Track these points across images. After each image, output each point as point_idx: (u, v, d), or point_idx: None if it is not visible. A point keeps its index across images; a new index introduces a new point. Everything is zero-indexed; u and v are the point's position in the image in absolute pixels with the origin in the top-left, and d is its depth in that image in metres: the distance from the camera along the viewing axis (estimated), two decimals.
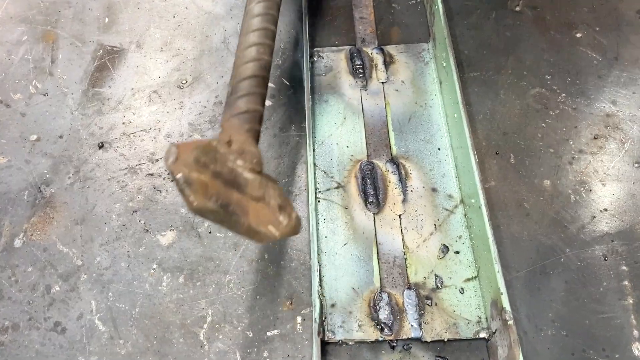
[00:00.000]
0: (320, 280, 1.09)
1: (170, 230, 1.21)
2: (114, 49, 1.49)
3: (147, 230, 1.21)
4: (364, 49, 1.40)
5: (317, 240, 1.11)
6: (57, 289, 1.15)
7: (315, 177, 1.22)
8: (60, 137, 1.35)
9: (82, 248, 1.20)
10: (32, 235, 1.22)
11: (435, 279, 1.10)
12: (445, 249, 1.13)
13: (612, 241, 1.15)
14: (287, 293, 1.13)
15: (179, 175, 0.71)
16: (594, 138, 1.29)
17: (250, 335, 1.09)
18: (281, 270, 1.16)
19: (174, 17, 1.55)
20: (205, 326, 1.10)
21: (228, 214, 0.74)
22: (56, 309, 1.13)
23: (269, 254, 1.18)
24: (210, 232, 1.20)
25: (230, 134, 0.83)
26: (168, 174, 1.17)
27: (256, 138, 0.88)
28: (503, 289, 0.96)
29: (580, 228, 1.17)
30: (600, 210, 1.20)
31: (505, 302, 0.94)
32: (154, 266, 1.17)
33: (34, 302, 1.14)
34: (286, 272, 1.15)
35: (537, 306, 1.09)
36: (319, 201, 1.19)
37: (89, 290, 1.15)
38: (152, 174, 1.29)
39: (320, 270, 1.11)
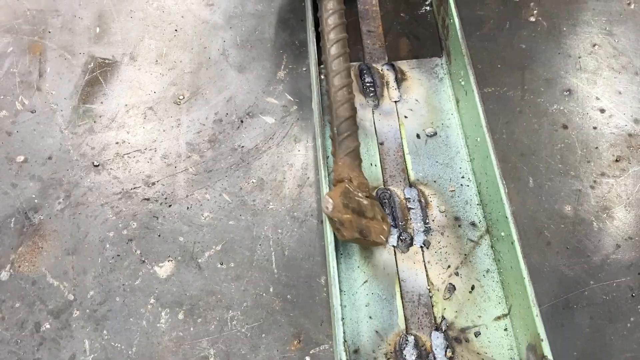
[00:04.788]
0: (343, 322, 1.00)
1: (169, 261, 1.14)
2: (106, 61, 1.40)
3: (144, 261, 1.14)
4: (374, 65, 1.32)
5: (338, 283, 1.01)
6: (47, 326, 1.07)
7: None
8: (49, 158, 1.26)
9: (74, 281, 1.12)
10: (19, 266, 1.14)
11: (465, 319, 1.02)
12: (473, 285, 1.06)
13: (639, 274, 1.09)
14: (295, 330, 1.06)
15: (336, 219, 0.97)
16: (616, 160, 1.22)
17: None
18: (287, 305, 1.09)
19: (170, 26, 1.46)
20: None
21: (362, 237, 1.00)
22: (46, 349, 1.05)
23: (274, 287, 1.10)
24: (210, 264, 1.13)
25: (348, 172, 1.07)
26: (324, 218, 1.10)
27: (361, 169, 1.12)
28: (543, 334, 0.88)
29: (605, 258, 1.11)
30: (625, 239, 1.13)
31: (547, 350, 0.87)
32: (152, 301, 1.10)
33: (22, 341, 1.06)
34: (293, 307, 1.08)
35: (561, 344, 1.03)
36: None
37: (81, 327, 1.07)
38: (148, 199, 1.21)
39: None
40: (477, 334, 1.01)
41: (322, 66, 1.23)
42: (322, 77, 1.24)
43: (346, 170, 1.08)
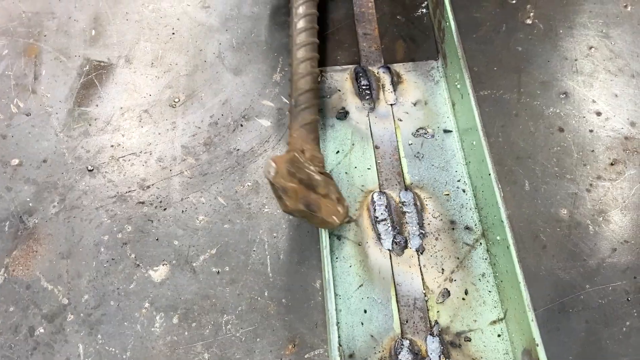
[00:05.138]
0: (338, 327, 1.00)
1: (163, 265, 1.13)
2: (102, 64, 1.40)
3: (138, 265, 1.13)
4: (370, 67, 1.32)
5: (334, 287, 1.01)
6: (42, 330, 1.07)
7: None
8: (44, 161, 1.26)
9: (69, 285, 1.11)
10: (13, 270, 1.13)
11: (460, 323, 1.02)
12: (467, 289, 1.06)
13: (635, 277, 1.08)
14: (290, 335, 1.06)
15: (278, 186, 0.92)
16: (612, 163, 1.22)
17: None
18: (282, 309, 1.08)
19: (165, 29, 1.46)
20: None
21: (309, 211, 0.96)
22: (40, 354, 1.05)
23: (269, 291, 1.10)
24: (205, 267, 1.12)
25: (301, 143, 1.04)
26: (267, 182, 1.08)
27: (318, 144, 1.09)
28: (539, 339, 0.88)
29: (600, 262, 1.11)
30: (621, 242, 1.13)
31: (542, 355, 0.87)
32: (146, 305, 1.09)
33: (16, 345, 1.06)
34: (288, 310, 1.08)
35: (557, 348, 1.03)
36: (334, 242, 1.11)
37: (75, 332, 1.07)
38: (143, 202, 1.20)
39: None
40: (466, 339, 1.01)
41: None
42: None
43: (299, 142, 1.05)
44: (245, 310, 1.08)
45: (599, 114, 1.28)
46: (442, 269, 1.08)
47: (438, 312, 1.03)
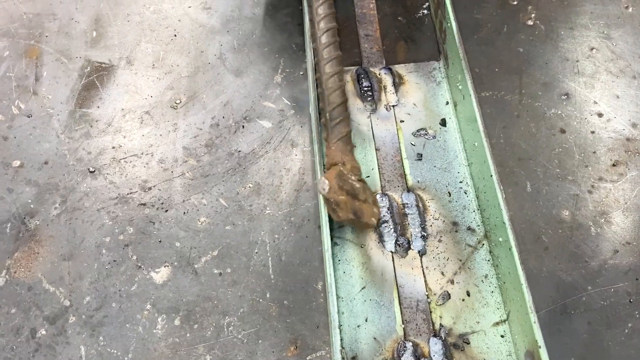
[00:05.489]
0: (340, 330, 1.00)
1: (165, 267, 1.13)
2: (103, 65, 1.40)
3: (140, 267, 1.13)
4: (371, 69, 1.32)
5: (336, 290, 1.01)
6: (43, 332, 1.07)
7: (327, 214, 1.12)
8: (46, 163, 1.26)
9: (70, 287, 1.11)
10: (15, 272, 1.13)
11: (463, 325, 1.02)
12: (468, 291, 1.06)
13: (637, 279, 1.08)
14: (292, 336, 1.06)
15: (332, 200, 1.02)
16: (614, 165, 1.22)
17: None
18: (284, 311, 1.08)
19: (167, 30, 1.45)
20: None
21: (356, 218, 1.05)
22: (42, 356, 1.05)
23: (271, 293, 1.10)
24: (207, 269, 1.12)
25: (340, 156, 1.11)
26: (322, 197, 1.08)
27: (354, 154, 1.16)
28: (541, 341, 0.88)
29: (602, 263, 1.11)
30: (623, 244, 1.13)
31: (545, 357, 0.87)
32: (148, 307, 1.09)
33: (18, 347, 1.06)
34: (290, 312, 1.08)
35: (559, 349, 1.03)
36: (336, 244, 1.11)
37: (77, 334, 1.07)
38: (144, 204, 1.20)
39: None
40: (466, 342, 1.01)
41: (315, 62, 1.24)
42: (316, 78, 1.24)
43: (339, 155, 1.12)
44: (247, 312, 1.08)
45: (600, 115, 1.28)
46: (446, 271, 1.07)
47: (441, 316, 1.03)
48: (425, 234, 1.11)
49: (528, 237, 1.14)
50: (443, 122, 1.24)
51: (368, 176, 1.19)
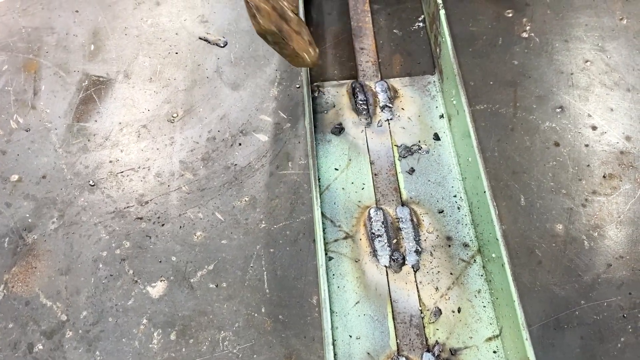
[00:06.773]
0: (333, 345, 1.01)
1: (161, 281, 1.14)
2: (100, 79, 1.41)
3: (136, 281, 1.14)
4: (367, 82, 1.33)
5: (330, 305, 1.02)
6: (40, 347, 1.08)
7: (323, 229, 1.13)
8: (44, 177, 1.27)
9: (67, 301, 1.12)
10: (13, 287, 1.14)
11: (456, 340, 1.03)
12: (459, 307, 1.06)
13: (630, 293, 1.09)
14: (286, 351, 1.06)
15: (252, 4, 0.98)
16: (608, 178, 1.22)
17: None
18: (279, 325, 1.09)
19: (164, 44, 1.47)
20: None
21: (280, 37, 1.02)
22: None
23: (266, 307, 1.11)
24: (203, 283, 1.13)
25: None
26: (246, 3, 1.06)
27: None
28: (533, 358, 0.89)
29: (596, 278, 1.11)
30: (616, 258, 1.13)
31: None
32: (144, 321, 1.10)
33: None
34: (285, 327, 1.09)
35: None
36: (331, 258, 1.12)
37: (74, 349, 1.08)
38: (141, 218, 1.21)
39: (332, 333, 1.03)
40: (452, 353, 1.01)
41: None
42: (316, 94, 1.24)
43: None
44: (242, 326, 1.09)
45: (594, 128, 1.29)
46: (439, 286, 1.08)
47: (435, 331, 1.04)
48: (420, 249, 1.12)
49: (522, 251, 1.14)
50: (436, 137, 1.25)
51: (363, 188, 1.20)
